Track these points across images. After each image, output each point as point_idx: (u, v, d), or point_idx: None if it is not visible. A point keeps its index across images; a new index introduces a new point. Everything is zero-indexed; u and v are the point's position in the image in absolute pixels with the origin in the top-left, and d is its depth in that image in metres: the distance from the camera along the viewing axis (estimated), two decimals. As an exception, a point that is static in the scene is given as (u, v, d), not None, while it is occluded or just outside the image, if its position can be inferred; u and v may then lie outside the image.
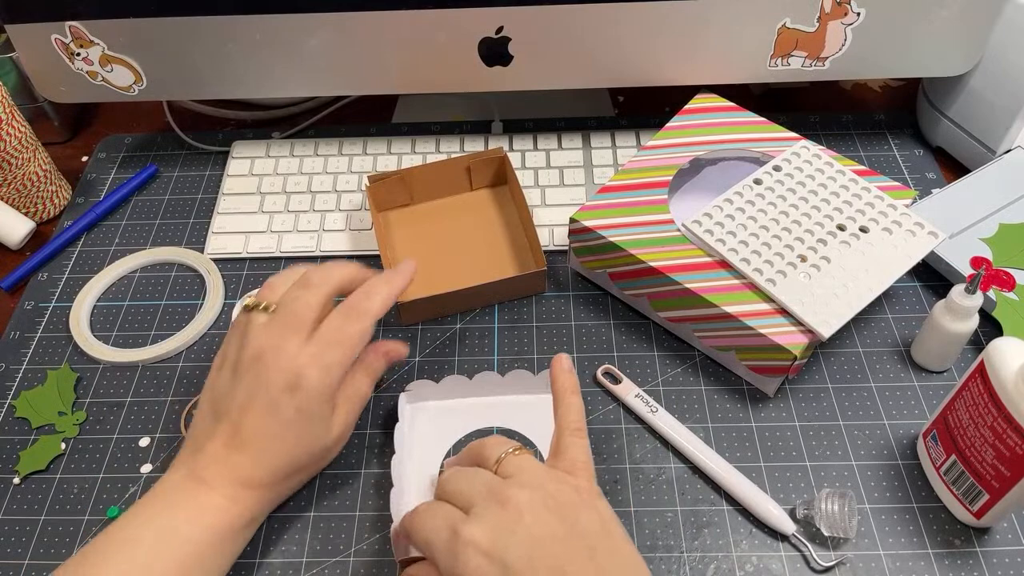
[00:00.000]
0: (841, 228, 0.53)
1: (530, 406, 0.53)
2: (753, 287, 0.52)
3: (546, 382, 0.49)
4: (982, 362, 0.43)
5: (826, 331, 0.49)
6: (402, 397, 0.53)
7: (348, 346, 0.46)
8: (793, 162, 0.58)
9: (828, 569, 0.46)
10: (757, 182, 0.57)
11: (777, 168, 0.57)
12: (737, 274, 0.52)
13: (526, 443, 0.51)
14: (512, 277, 0.57)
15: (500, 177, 0.65)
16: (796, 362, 0.49)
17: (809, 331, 0.49)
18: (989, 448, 0.43)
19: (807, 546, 0.46)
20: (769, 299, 0.51)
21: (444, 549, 0.38)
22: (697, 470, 0.50)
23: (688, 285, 0.52)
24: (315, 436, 0.46)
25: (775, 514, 0.47)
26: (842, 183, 0.56)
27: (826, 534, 0.46)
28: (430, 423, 0.53)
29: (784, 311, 0.50)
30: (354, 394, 0.49)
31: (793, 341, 0.49)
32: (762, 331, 0.50)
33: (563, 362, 0.46)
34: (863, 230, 0.53)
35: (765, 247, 0.53)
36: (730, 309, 0.51)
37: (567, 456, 0.42)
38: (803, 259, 0.52)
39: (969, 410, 0.44)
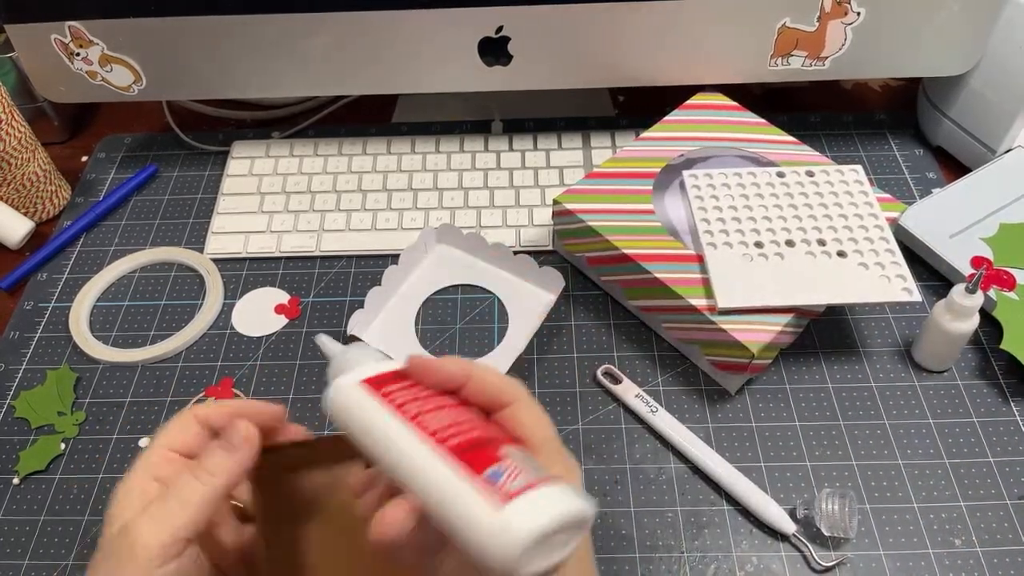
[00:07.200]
0: (821, 243, 0.53)
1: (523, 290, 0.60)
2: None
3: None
4: None
5: (725, 302, 0.49)
6: (430, 230, 0.61)
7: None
8: (832, 175, 0.56)
9: (828, 569, 0.46)
10: (780, 175, 0.56)
11: (810, 173, 0.57)
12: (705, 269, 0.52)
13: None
14: None
15: None
16: (755, 361, 0.49)
17: (714, 306, 0.50)
18: None
19: (807, 546, 0.46)
20: None
21: (556, 440, 0.34)
22: (697, 470, 0.50)
23: (658, 275, 0.52)
24: None
25: (775, 514, 0.47)
26: (858, 212, 0.54)
27: (826, 534, 0.46)
28: (438, 266, 0.61)
29: (751, 310, 0.50)
30: None
31: (753, 339, 0.49)
32: (723, 326, 0.49)
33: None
34: (840, 254, 0.52)
35: (735, 222, 0.53)
36: (695, 302, 0.51)
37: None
38: (759, 246, 0.52)
39: None
